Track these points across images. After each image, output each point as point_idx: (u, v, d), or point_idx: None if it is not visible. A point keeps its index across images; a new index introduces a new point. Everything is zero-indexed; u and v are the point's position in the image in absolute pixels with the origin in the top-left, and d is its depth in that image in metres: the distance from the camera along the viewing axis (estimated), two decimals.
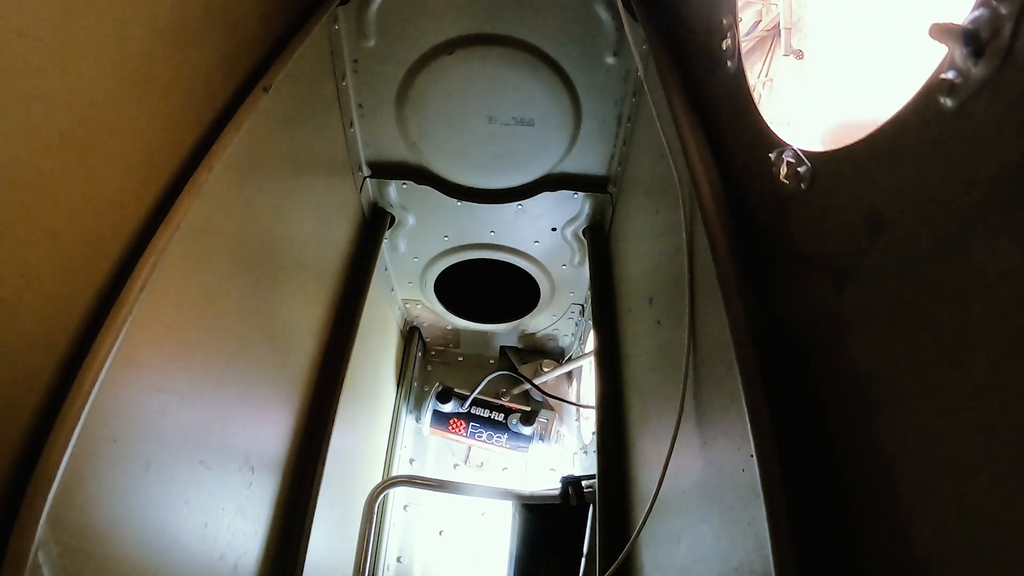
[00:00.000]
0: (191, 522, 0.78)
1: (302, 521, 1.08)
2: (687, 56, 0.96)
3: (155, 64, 0.70)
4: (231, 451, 0.88)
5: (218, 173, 0.76)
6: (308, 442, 1.15)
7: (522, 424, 1.83)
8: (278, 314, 1.03)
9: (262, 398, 0.99)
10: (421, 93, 1.28)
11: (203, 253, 0.76)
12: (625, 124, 1.30)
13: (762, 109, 0.71)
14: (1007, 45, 0.36)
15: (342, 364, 1.27)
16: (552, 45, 1.20)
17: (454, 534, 1.91)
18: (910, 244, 0.45)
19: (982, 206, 0.38)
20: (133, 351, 0.62)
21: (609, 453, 1.18)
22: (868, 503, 0.48)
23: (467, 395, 1.90)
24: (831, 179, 0.56)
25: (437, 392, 1.89)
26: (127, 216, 0.67)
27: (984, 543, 0.37)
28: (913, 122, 0.45)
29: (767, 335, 0.62)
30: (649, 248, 1.10)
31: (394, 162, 1.45)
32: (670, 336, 0.89)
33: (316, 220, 1.21)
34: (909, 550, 0.43)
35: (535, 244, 1.65)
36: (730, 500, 0.61)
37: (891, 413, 0.46)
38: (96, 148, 0.61)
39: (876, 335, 0.48)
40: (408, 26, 1.18)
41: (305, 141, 1.10)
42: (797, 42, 3.53)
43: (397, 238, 1.66)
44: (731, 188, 0.76)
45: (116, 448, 0.62)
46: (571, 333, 2.04)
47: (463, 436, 1.89)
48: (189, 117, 0.77)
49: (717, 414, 0.66)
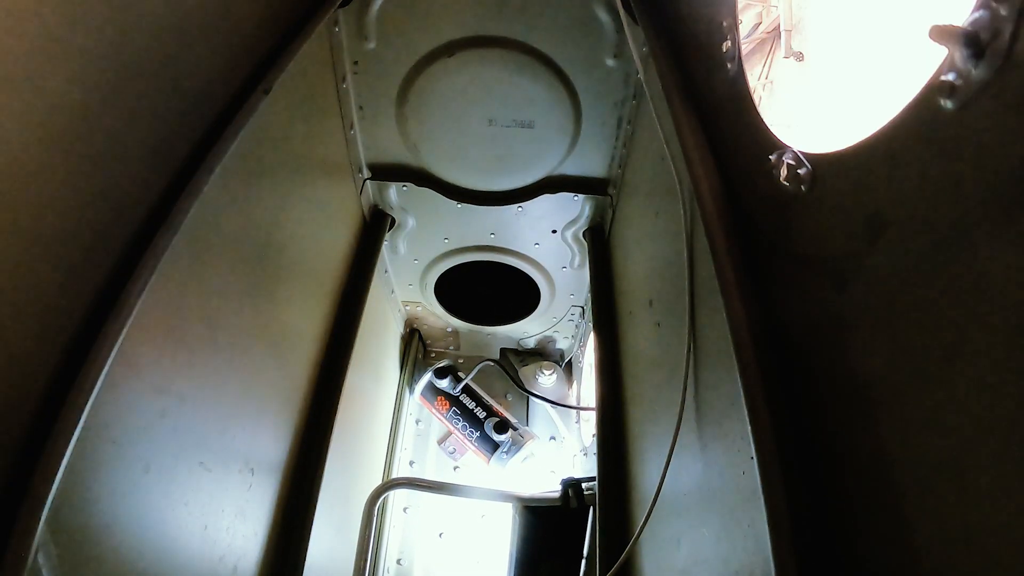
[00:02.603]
0: (191, 524, 0.78)
1: (302, 523, 1.08)
2: (687, 58, 0.97)
3: (155, 66, 0.70)
4: (231, 453, 0.87)
5: (218, 175, 0.76)
6: (308, 444, 1.15)
7: (495, 430, 1.81)
8: (278, 316, 1.03)
9: (262, 400, 0.99)
10: (421, 95, 1.28)
11: (203, 255, 0.76)
12: (625, 126, 1.30)
13: (762, 111, 0.71)
14: (1007, 47, 0.36)
15: (342, 366, 1.27)
16: (552, 47, 1.20)
17: (454, 536, 1.90)
18: (910, 246, 0.45)
19: (982, 208, 0.38)
20: (133, 352, 0.62)
21: (609, 455, 1.17)
22: (868, 505, 0.48)
23: (463, 379, 1.91)
24: (831, 181, 0.56)
25: (439, 367, 1.90)
26: (127, 217, 0.67)
27: (984, 544, 0.37)
28: (913, 124, 0.45)
29: (767, 337, 0.62)
30: (649, 250, 1.10)
31: (394, 164, 1.45)
32: (670, 338, 0.89)
33: (316, 222, 1.21)
34: (909, 552, 0.43)
35: (535, 246, 1.65)
36: (730, 502, 0.61)
37: (891, 415, 0.46)
38: (96, 149, 0.62)
39: (876, 337, 0.48)
40: (408, 28, 1.18)
41: (305, 143, 1.10)
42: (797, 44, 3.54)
43: (397, 240, 1.66)
44: (731, 190, 0.76)
45: (116, 450, 0.62)
46: (571, 335, 2.04)
47: (443, 416, 1.90)
48: (189, 119, 0.77)
49: (717, 416, 0.66)
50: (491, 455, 1.82)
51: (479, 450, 1.85)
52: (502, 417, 1.85)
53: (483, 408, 1.87)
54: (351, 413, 1.41)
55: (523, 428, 1.86)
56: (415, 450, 2.05)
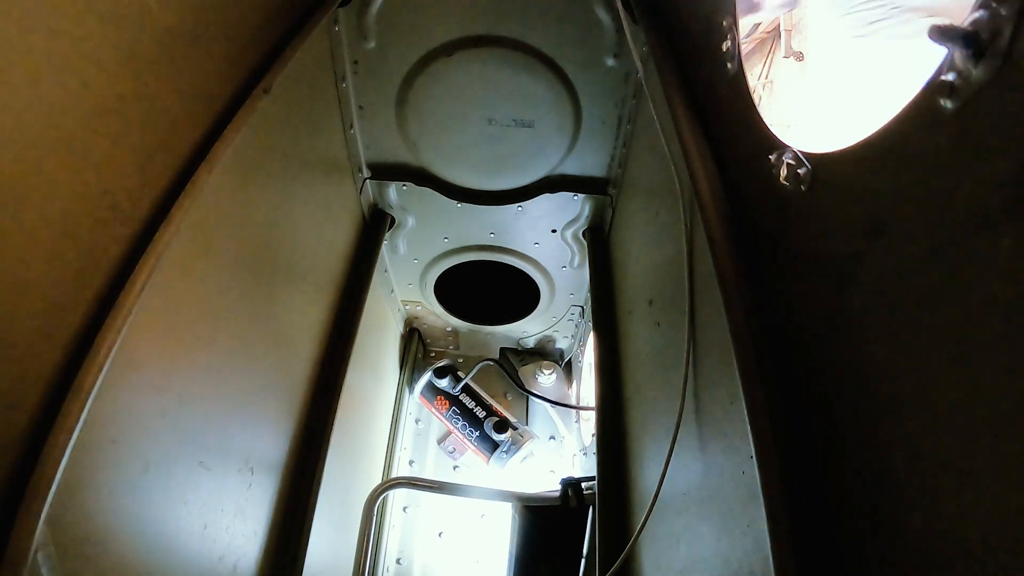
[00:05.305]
0: (190, 523, 0.78)
1: (301, 522, 1.08)
2: (687, 58, 0.97)
3: (155, 65, 0.70)
4: (231, 452, 0.87)
5: (218, 174, 0.76)
6: (308, 443, 1.15)
7: (495, 429, 1.81)
8: (278, 315, 1.03)
9: (262, 399, 0.99)
10: (421, 94, 1.28)
11: (203, 254, 0.76)
12: (625, 126, 1.30)
13: (762, 111, 0.71)
14: (1007, 47, 0.36)
15: (342, 365, 1.27)
16: (552, 47, 1.20)
17: (454, 536, 1.90)
18: (910, 246, 0.45)
19: (982, 208, 0.38)
20: (133, 351, 0.62)
21: (609, 455, 1.17)
22: (868, 504, 0.48)
23: (462, 378, 1.91)
24: (831, 181, 0.56)
25: (439, 366, 1.91)
26: (127, 217, 0.67)
27: (984, 545, 0.37)
28: (913, 124, 0.45)
29: (767, 337, 0.62)
30: (649, 250, 1.10)
31: (394, 163, 1.45)
32: (670, 338, 0.89)
33: (316, 221, 1.21)
34: (909, 552, 0.43)
35: (535, 246, 1.65)
36: (730, 502, 0.61)
37: (891, 415, 0.46)
38: (96, 149, 0.61)
39: (876, 337, 0.48)
40: (408, 28, 1.18)
41: (305, 142, 1.10)
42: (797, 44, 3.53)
43: (397, 239, 1.66)
44: (731, 190, 0.76)
45: (115, 449, 0.62)
46: (571, 335, 2.04)
47: (443, 415, 1.90)
48: (189, 118, 0.77)
49: (717, 416, 0.66)
50: (491, 455, 1.82)
51: (479, 450, 1.85)
52: (502, 417, 1.85)
53: (483, 408, 1.87)
54: (351, 412, 1.41)
55: (523, 428, 1.86)
56: (415, 449, 2.05)
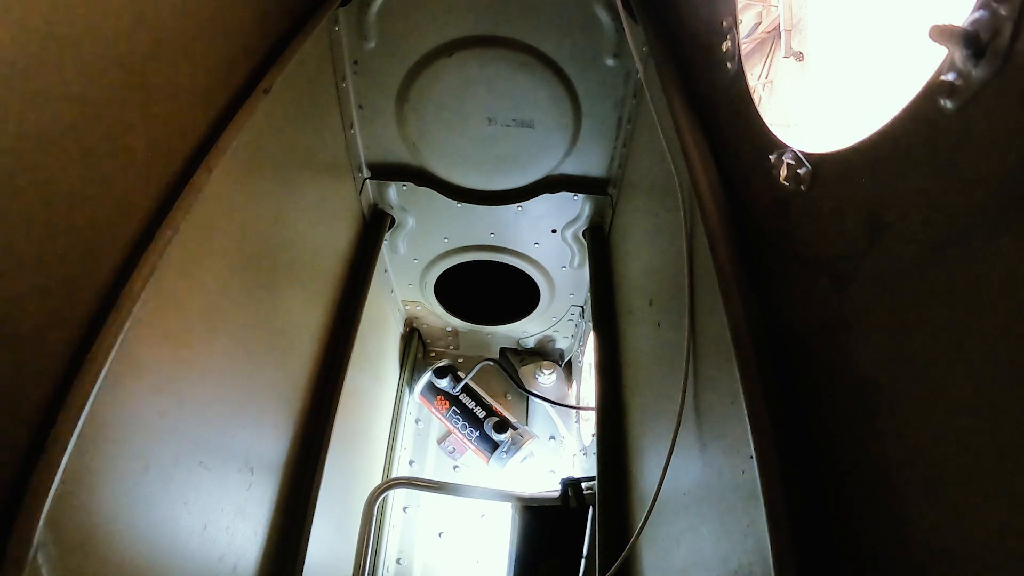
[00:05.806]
0: (190, 523, 0.78)
1: (301, 522, 1.08)
2: (687, 58, 0.97)
3: (155, 65, 0.70)
4: (231, 452, 0.87)
5: (218, 174, 0.76)
6: (308, 443, 1.15)
7: (495, 429, 1.81)
8: (278, 315, 1.03)
9: (262, 399, 0.99)
10: (421, 94, 1.28)
11: (203, 254, 0.76)
12: (625, 126, 1.30)
13: (762, 111, 0.71)
14: (1007, 47, 0.36)
15: (342, 365, 1.27)
16: (552, 47, 1.20)
17: (454, 536, 1.90)
18: (910, 246, 0.45)
19: (982, 208, 0.38)
20: (133, 352, 0.62)
21: (609, 455, 1.17)
22: (868, 505, 0.48)
23: (462, 378, 1.91)
24: (831, 181, 0.56)
25: (439, 366, 1.91)
26: (127, 217, 0.67)
27: (984, 545, 0.37)
28: (913, 124, 0.45)
29: (767, 337, 0.62)
30: (649, 250, 1.10)
31: (394, 163, 1.45)
32: (670, 338, 0.89)
33: (316, 221, 1.21)
34: (909, 552, 0.43)
35: (535, 246, 1.65)
36: (730, 502, 0.61)
37: (891, 415, 0.46)
38: (96, 150, 0.61)
39: (876, 337, 0.48)
40: (408, 28, 1.18)
41: (305, 142, 1.10)
42: (797, 44, 3.53)
43: (397, 239, 1.66)
44: (731, 190, 0.76)
45: (115, 449, 0.62)
46: (571, 335, 2.04)
47: (443, 416, 1.90)
48: (189, 118, 0.77)
49: (717, 416, 0.66)
50: (491, 455, 1.82)
51: (479, 449, 1.85)
52: (502, 417, 1.85)
53: (483, 408, 1.87)
54: (351, 412, 1.41)
55: (523, 428, 1.86)
56: (415, 449, 2.05)
